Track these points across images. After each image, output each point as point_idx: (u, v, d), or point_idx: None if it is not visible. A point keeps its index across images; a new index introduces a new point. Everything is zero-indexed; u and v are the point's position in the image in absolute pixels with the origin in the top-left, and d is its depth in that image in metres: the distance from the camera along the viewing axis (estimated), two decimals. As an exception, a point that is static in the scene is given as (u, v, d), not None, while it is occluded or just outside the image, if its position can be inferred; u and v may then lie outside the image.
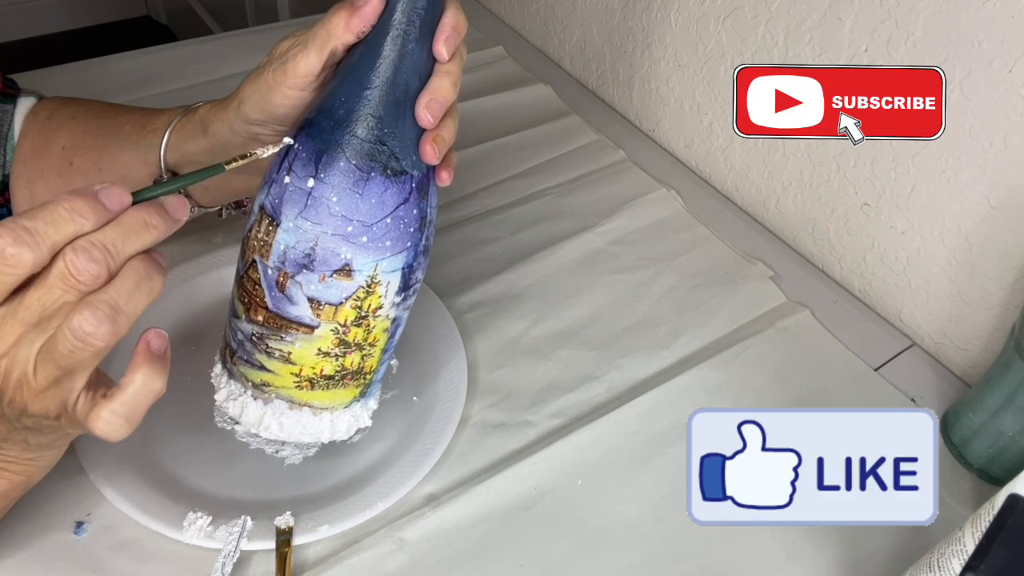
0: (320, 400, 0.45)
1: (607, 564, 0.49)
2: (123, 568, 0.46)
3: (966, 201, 0.59)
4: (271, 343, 0.43)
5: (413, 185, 0.42)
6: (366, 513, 0.49)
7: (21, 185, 0.56)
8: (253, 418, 0.45)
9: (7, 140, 0.55)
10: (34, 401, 0.36)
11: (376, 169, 0.40)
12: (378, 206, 0.40)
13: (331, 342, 0.43)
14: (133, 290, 0.35)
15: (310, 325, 0.42)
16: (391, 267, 0.42)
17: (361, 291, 0.42)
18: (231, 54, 0.88)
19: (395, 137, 0.41)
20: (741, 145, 0.76)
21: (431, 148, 0.42)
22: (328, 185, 0.40)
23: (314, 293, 0.41)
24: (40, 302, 0.34)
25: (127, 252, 0.35)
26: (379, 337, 0.44)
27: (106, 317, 0.34)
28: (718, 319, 0.65)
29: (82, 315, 0.34)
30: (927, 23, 0.57)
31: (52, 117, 0.57)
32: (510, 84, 0.90)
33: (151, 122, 0.53)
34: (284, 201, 0.40)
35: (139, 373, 0.37)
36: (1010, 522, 0.34)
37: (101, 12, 2.36)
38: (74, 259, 0.34)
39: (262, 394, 0.45)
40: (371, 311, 0.43)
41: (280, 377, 0.44)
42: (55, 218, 0.34)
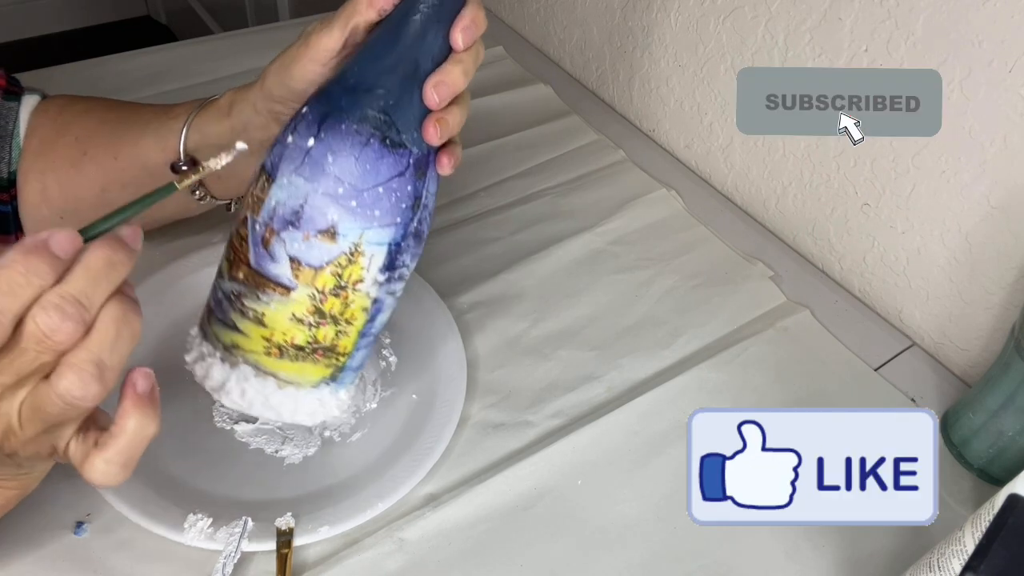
0: (287, 371, 0.44)
1: (607, 564, 0.49)
2: (123, 568, 0.46)
3: (966, 201, 0.59)
4: (247, 302, 0.42)
5: (411, 161, 0.42)
6: (367, 513, 0.49)
7: (31, 179, 0.56)
8: (216, 381, 0.44)
9: (12, 137, 0.55)
10: (24, 448, 0.35)
11: (375, 137, 0.41)
12: (372, 173, 0.41)
13: (306, 308, 0.42)
14: (115, 339, 0.33)
15: (287, 286, 0.42)
16: (377, 239, 0.42)
17: (343, 257, 0.41)
18: (231, 54, 0.88)
19: (399, 111, 0.41)
20: (741, 145, 0.76)
21: (434, 128, 0.42)
22: (326, 145, 0.40)
23: (296, 252, 0.41)
24: (14, 366, 0.32)
25: (99, 298, 0.33)
26: (357, 315, 0.44)
27: (92, 378, 0.32)
28: (718, 319, 0.65)
29: (68, 380, 0.32)
30: (927, 23, 0.57)
31: (64, 112, 0.57)
32: (510, 84, 0.90)
33: (171, 110, 0.54)
34: (283, 159, 0.41)
35: (131, 420, 0.35)
36: (1010, 522, 0.34)
37: (101, 12, 2.36)
38: (46, 319, 0.31)
39: (230, 356, 0.44)
40: (351, 282, 0.42)
41: (250, 340, 0.43)
42: (12, 287, 0.31)
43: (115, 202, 0.55)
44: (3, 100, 0.55)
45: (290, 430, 0.53)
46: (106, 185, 0.55)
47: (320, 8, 0.47)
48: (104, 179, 0.55)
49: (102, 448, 0.35)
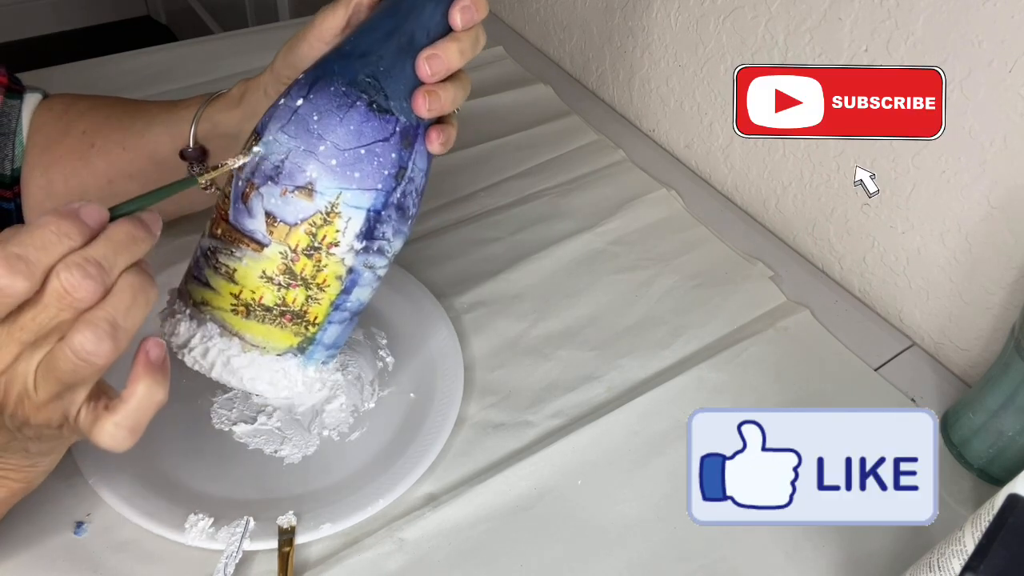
0: (252, 333, 0.43)
1: (607, 564, 0.49)
2: (124, 568, 0.46)
3: (966, 201, 0.59)
4: (221, 258, 0.43)
5: (397, 128, 0.42)
6: (368, 510, 0.49)
7: (37, 174, 0.56)
8: (182, 338, 0.43)
9: (15, 135, 0.56)
10: (36, 414, 0.36)
11: (362, 100, 0.41)
12: (355, 134, 0.41)
13: (277, 266, 0.42)
14: (130, 304, 0.35)
15: (261, 242, 0.42)
16: (355, 202, 0.42)
17: (318, 216, 0.41)
18: (231, 54, 0.88)
19: (389, 79, 0.42)
20: (741, 145, 0.76)
21: (423, 99, 0.42)
22: (313, 105, 0.41)
23: (272, 207, 0.41)
24: (36, 321, 0.33)
25: (119, 266, 0.35)
26: (330, 282, 0.43)
27: (106, 335, 0.34)
28: (718, 319, 0.65)
29: (82, 334, 0.33)
30: (927, 23, 0.57)
31: (69, 109, 0.57)
32: (510, 84, 0.90)
33: (180, 103, 0.55)
34: (272, 118, 0.42)
35: (141, 384, 0.36)
36: (1010, 522, 0.34)
37: (101, 12, 2.36)
38: (68, 277, 0.33)
39: (199, 314, 0.43)
40: (325, 244, 0.42)
41: (220, 296, 0.43)
42: (45, 242, 0.33)
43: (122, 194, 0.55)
44: (5, 98, 0.55)
45: (289, 430, 0.54)
46: (113, 177, 0.55)
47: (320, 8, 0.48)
48: (111, 171, 0.55)
49: (112, 411, 0.36)
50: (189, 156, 0.54)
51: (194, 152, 0.53)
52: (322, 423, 0.54)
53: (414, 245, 0.69)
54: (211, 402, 0.54)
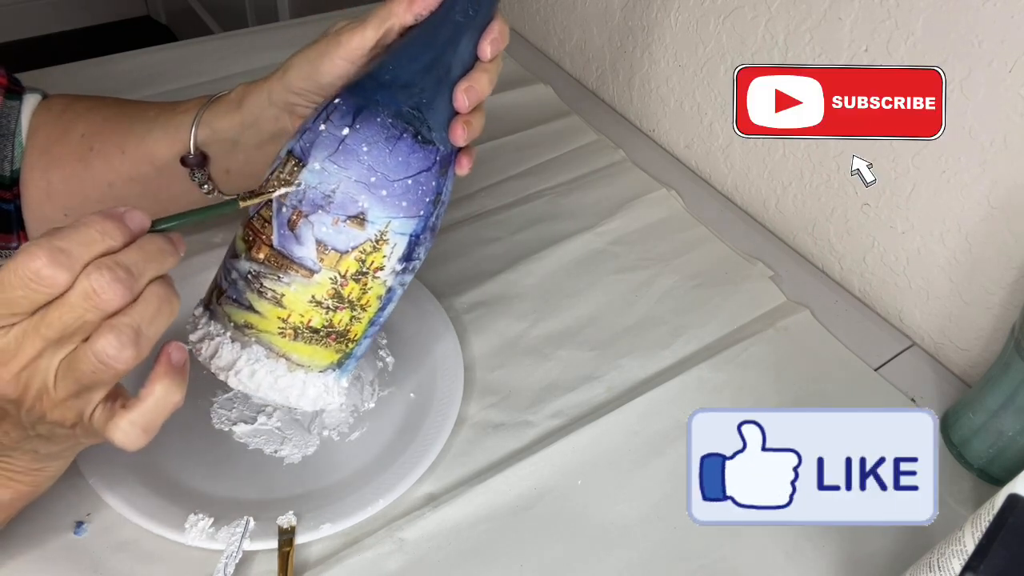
0: (299, 354, 0.44)
1: (607, 564, 0.49)
2: (123, 568, 0.46)
3: (966, 201, 0.59)
4: (266, 282, 0.43)
5: (437, 158, 0.44)
6: (368, 510, 0.49)
7: (36, 175, 0.56)
8: (226, 361, 0.44)
9: (15, 136, 0.56)
10: (52, 411, 0.36)
11: (408, 132, 0.42)
12: (403, 165, 0.42)
13: (327, 291, 0.43)
14: (155, 314, 0.35)
15: (311, 269, 0.42)
16: (401, 229, 0.43)
17: (368, 244, 0.42)
18: (231, 54, 0.88)
19: (430, 110, 0.43)
20: (741, 145, 0.76)
21: (462, 129, 0.44)
22: (361, 136, 0.42)
23: (323, 236, 0.42)
24: (62, 320, 0.34)
25: (148, 275, 0.35)
26: (372, 302, 0.45)
27: (129, 341, 0.34)
28: (718, 319, 0.65)
29: (106, 339, 0.34)
30: (927, 23, 0.57)
31: (68, 110, 0.57)
32: (510, 84, 0.89)
33: (179, 106, 0.55)
34: (315, 145, 0.42)
35: (159, 385, 0.37)
36: (1010, 522, 0.34)
37: (101, 12, 2.36)
38: (99, 278, 0.34)
39: (242, 336, 0.44)
40: (372, 269, 0.43)
41: (266, 320, 0.43)
42: (88, 240, 0.34)
43: (121, 197, 0.56)
44: (5, 99, 0.55)
45: (288, 430, 0.54)
46: (112, 180, 0.55)
47: (320, 8, 0.48)
48: (111, 174, 0.55)
49: (128, 409, 0.37)
50: (190, 163, 0.54)
51: (195, 159, 0.53)
52: (322, 423, 0.54)
53: (414, 245, 0.69)
54: (211, 402, 0.54)
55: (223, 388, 0.55)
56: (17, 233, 0.59)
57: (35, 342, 0.34)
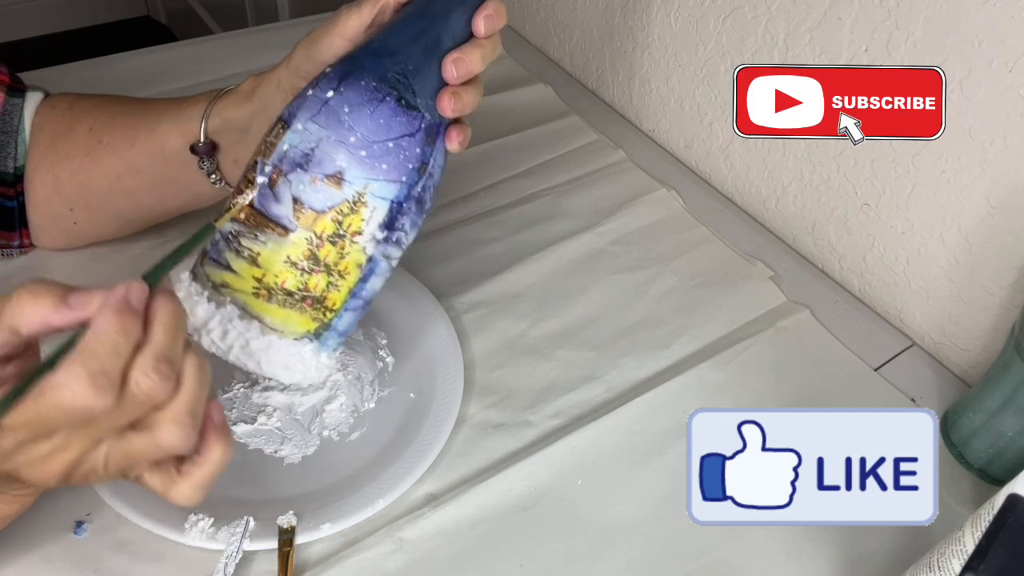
0: (273, 317, 0.44)
1: (607, 564, 0.49)
2: (123, 568, 0.46)
3: (966, 201, 0.59)
4: (244, 241, 0.43)
5: (422, 125, 0.44)
6: (368, 510, 0.49)
7: (42, 171, 0.56)
8: (199, 319, 0.44)
9: (18, 133, 0.56)
10: (98, 480, 0.37)
11: (391, 95, 0.43)
12: (384, 127, 0.42)
13: (302, 252, 0.43)
14: (199, 392, 0.36)
15: (287, 227, 0.43)
16: (381, 193, 0.43)
17: (346, 205, 0.43)
18: (231, 54, 0.88)
19: (416, 77, 0.44)
20: (741, 145, 0.76)
21: (448, 99, 0.44)
22: (344, 98, 0.42)
23: (300, 194, 0.42)
24: (112, 423, 0.34)
25: (180, 353, 0.36)
26: (350, 270, 0.44)
27: (192, 428, 0.36)
28: (718, 319, 0.65)
29: (171, 433, 0.35)
30: (927, 23, 0.57)
31: (73, 106, 0.58)
32: (510, 84, 0.90)
33: (188, 99, 0.55)
34: (300, 108, 0.43)
35: (216, 449, 0.38)
36: (1010, 522, 0.34)
37: (101, 12, 2.36)
38: (149, 383, 0.34)
39: (218, 296, 0.44)
40: (350, 232, 0.43)
41: (242, 279, 0.44)
42: (116, 348, 0.33)
43: (130, 189, 0.56)
44: (7, 96, 0.56)
45: (288, 430, 0.54)
46: (121, 172, 0.56)
47: (320, 8, 0.48)
48: (120, 166, 0.56)
49: (187, 476, 0.38)
50: (200, 151, 0.54)
51: (204, 147, 0.54)
52: (322, 423, 0.54)
53: (414, 245, 0.68)
54: (211, 402, 0.54)
55: (223, 388, 0.55)
56: (19, 231, 0.59)
57: (83, 442, 0.34)
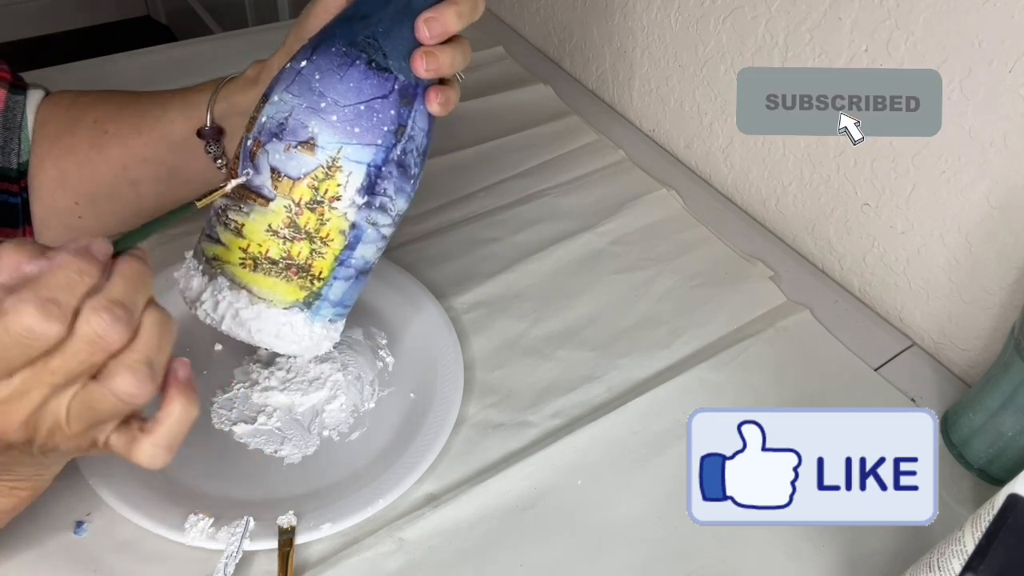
0: (260, 286, 0.45)
1: (607, 564, 0.49)
2: (123, 568, 0.46)
3: (966, 201, 0.59)
4: (231, 214, 0.44)
5: (395, 86, 0.44)
6: (368, 510, 0.49)
7: (47, 166, 0.57)
8: (194, 292, 0.45)
9: (21, 129, 0.56)
10: (66, 443, 0.36)
11: (361, 59, 0.43)
12: (355, 91, 0.43)
13: (282, 220, 0.44)
14: (159, 342, 0.36)
15: (267, 197, 0.43)
16: (355, 156, 0.43)
17: (320, 170, 0.43)
18: (231, 54, 0.88)
19: (388, 39, 0.44)
20: (741, 145, 0.76)
21: (420, 59, 0.44)
22: (315, 65, 0.43)
23: (277, 163, 0.43)
24: (67, 366, 0.34)
25: (140, 304, 0.36)
26: (333, 236, 0.45)
27: (147, 377, 0.35)
28: (718, 319, 0.65)
29: (125, 379, 0.34)
30: (927, 23, 0.57)
31: (76, 102, 0.58)
32: (510, 84, 0.90)
33: (193, 88, 0.56)
34: (277, 80, 0.44)
35: (176, 405, 0.37)
36: (1010, 522, 0.34)
37: (101, 12, 2.36)
38: (99, 322, 0.34)
39: (210, 269, 0.45)
40: (327, 198, 0.44)
41: (229, 251, 0.45)
42: (70, 283, 0.34)
43: (137, 179, 0.56)
44: (9, 93, 0.56)
45: (289, 430, 0.54)
46: (128, 163, 0.56)
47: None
48: (126, 157, 0.56)
49: (149, 433, 0.37)
50: (206, 135, 0.54)
51: (211, 131, 0.54)
52: (322, 423, 0.54)
53: (414, 245, 0.69)
54: (211, 402, 0.54)
55: (223, 388, 0.55)
56: (23, 228, 0.59)
57: (41, 389, 0.34)
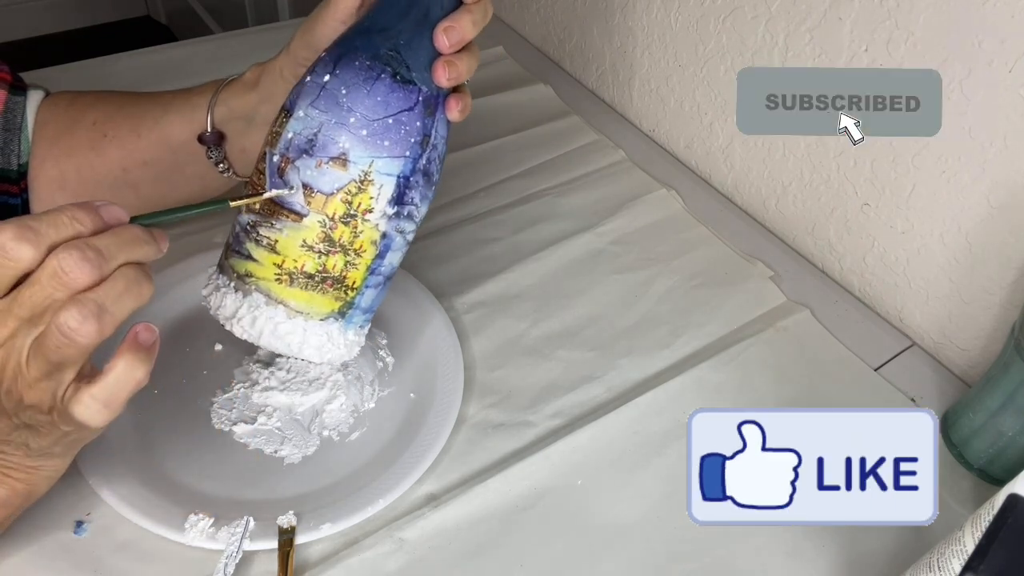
0: (297, 300, 0.45)
1: (607, 564, 0.49)
2: (123, 568, 0.46)
3: (966, 201, 0.59)
4: (262, 230, 0.44)
5: (420, 98, 0.44)
6: (368, 510, 0.49)
7: (48, 166, 0.57)
8: (229, 310, 0.45)
9: (21, 130, 0.56)
10: (28, 392, 0.36)
11: (386, 72, 0.43)
12: (382, 104, 0.43)
13: (317, 235, 0.44)
14: (122, 293, 0.36)
15: (300, 212, 0.44)
16: (386, 169, 0.44)
17: (353, 185, 0.43)
18: (231, 54, 0.88)
19: (409, 51, 0.44)
20: (741, 145, 0.76)
21: (443, 68, 0.45)
22: (340, 79, 0.43)
23: (309, 179, 0.43)
24: (32, 299, 0.34)
25: (119, 259, 0.36)
26: (366, 247, 0.45)
27: (91, 315, 0.34)
28: (718, 319, 0.65)
29: (68, 312, 0.34)
30: (927, 23, 0.57)
31: (76, 102, 0.58)
32: (510, 84, 0.90)
33: (192, 90, 0.56)
34: (300, 95, 0.44)
35: (121, 360, 0.37)
36: (1010, 522, 0.34)
37: (101, 12, 2.36)
38: (66, 257, 0.34)
39: (243, 285, 0.45)
40: (360, 211, 0.44)
41: (263, 267, 0.45)
42: (57, 221, 0.35)
43: (137, 182, 0.56)
44: (9, 94, 0.56)
45: (288, 430, 0.54)
46: (127, 165, 0.56)
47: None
48: (126, 159, 0.56)
49: (90, 384, 0.37)
50: (207, 140, 0.54)
51: (212, 136, 0.54)
52: (322, 423, 0.54)
53: (414, 245, 0.68)
54: (211, 402, 0.54)
55: (223, 388, 0.55)
56: None
57: (8, 321, 0.35)
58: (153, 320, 0.58)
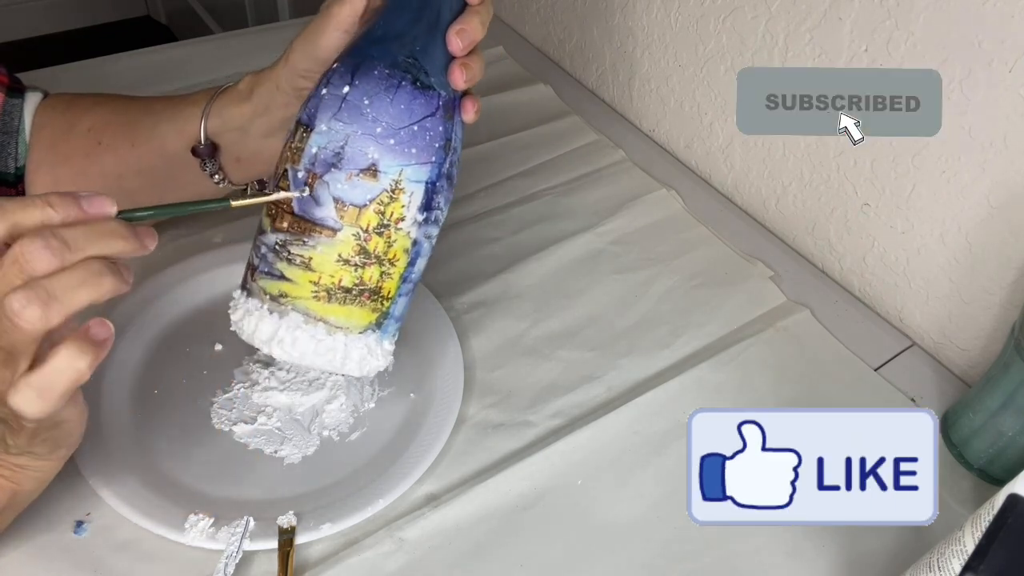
0: (336, 316, 0.45)
1: (607, 564, 0.49)
2: (123, 568, 0.46)
3: (966, 201, 0.59)
4: (293, 249, 0.44)
5: (440, 103, 0.44)
6: (368, 510, 0.49)
7: (43, 172, 0.56)
8: (267, 333, 0.44)
9: (18, 134, 0.56)
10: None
11: (407, 79, 0.43)
12: (406, 112, 0.43)
13: (352, 248, 0.44)
14: (78, 284, 0.35)
15: (333, 227, 0.43)
16: (415, 176, 0.44)
17: (385, 195, 0.43)
18: (231, 54, 0.88)
19: (426, 56, 0.44)
20: (741, 145, 0.76)
21: (459, 71, 0.45)
22: (361, 90, 0.43)
23: (340, 192, 0.43)
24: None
25: (87, 251, 0.35)
26: (399, 256, 0.45)
27: (37, 300, 0.34)
28: (718, 319, 0.65)
29: (15, 294, 0.34)
30: (927, 23, 0.57)
31: (72, 106, 0.58)
32: (510, 84, 0.90)
33: (187, 98, 0.55)
34: (320, 108, 0.43)
35: (63, 350, 0.35)
36: (1010, 522, 0.34)
37: (101, 12, 2.36)
38: (28, 243, 0.34)
39: (278, 307, 0.44)
40: (393, 220, 0.44)
41: (298, 286, 0.44)
42: (26, 203, 0.35)
43: (132, 190, 0.56)
44: (6, 97, 0.56)
45: (288, 430, 0.54)
46: (122, 173, 0.56)
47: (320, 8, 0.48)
48: (121, 167, 0.55)
49: (29, 373, 0.35)
50: (201, 153, 0.54)
51: (206, 148, 0.54)
52: (322, 423, 0.54)
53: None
54: (211, 402, 0.54)
55: (223, 388, 0.55)
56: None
57: None
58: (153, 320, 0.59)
